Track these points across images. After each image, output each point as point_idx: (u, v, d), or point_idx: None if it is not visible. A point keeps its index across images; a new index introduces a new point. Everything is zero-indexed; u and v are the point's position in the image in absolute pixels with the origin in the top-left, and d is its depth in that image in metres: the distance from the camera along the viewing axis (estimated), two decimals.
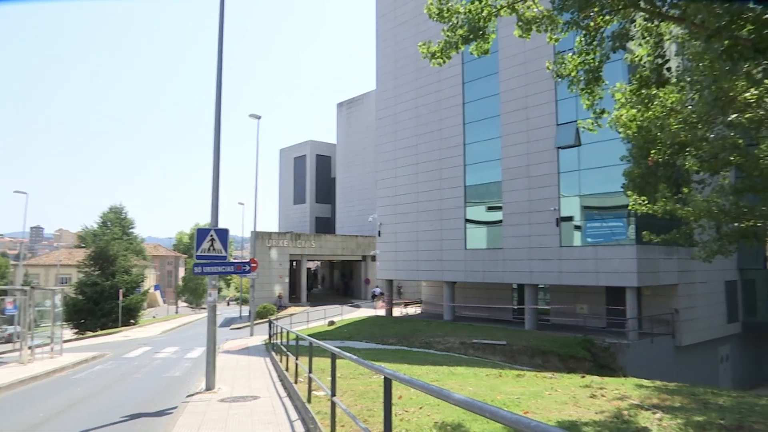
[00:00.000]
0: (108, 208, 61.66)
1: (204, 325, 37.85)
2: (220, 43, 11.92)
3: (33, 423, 9.27)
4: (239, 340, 27.17)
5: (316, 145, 70.64)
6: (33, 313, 18.76)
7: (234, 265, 12.15)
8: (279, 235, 50.63)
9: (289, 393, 10.67)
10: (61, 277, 68.14)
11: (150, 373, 16.18)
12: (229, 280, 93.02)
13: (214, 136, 11.76)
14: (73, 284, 52.67)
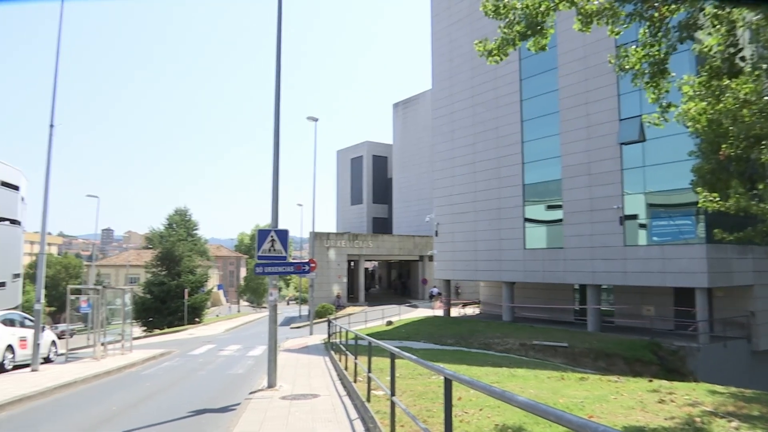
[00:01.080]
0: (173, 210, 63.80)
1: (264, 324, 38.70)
2: (278, 49, 12.14)
3: (107, 415, 9.72)
4: (299, 338, 27.62)
5: (372, 145, 71.05)
6: (105, 312, 19.66)
7: (294, 265, 12.34)
8: (337, 236, 51.16)
9: (349, 392, 10.75)
10: (130, 277, 71.25)
11: (214, 371, 16.65)
12: (289, 280, 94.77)
13: (274, 140, 11.98)
14: (141, 284, 54.95)
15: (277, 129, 12.01)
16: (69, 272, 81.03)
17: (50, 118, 16.51)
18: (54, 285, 72.19)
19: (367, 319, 34.02)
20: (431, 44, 37.45)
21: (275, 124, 12.02)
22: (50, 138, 16.55)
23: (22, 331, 17.09)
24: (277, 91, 12.07)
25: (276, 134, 12.00)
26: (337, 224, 74.73)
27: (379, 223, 69.06)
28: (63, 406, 10.80)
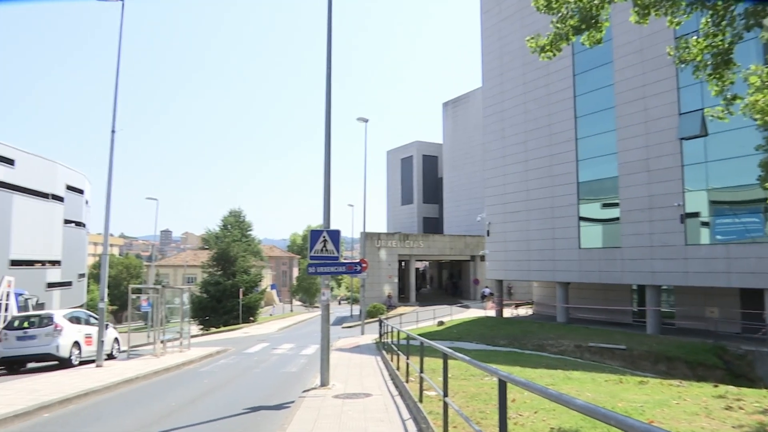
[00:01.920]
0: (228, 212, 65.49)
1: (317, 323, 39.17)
2: (328, 52, 12.25)
3: (167, 410, 10.03)
4: (351, 338, 27.82)
5: (422, 145, 70.91)
6: (164, 310, 20.31)
7: (345, 265, 12.43)
8: (387, 236, 51.30)
9: (401, 392, 10.74)
10: (187, 277, 73.47)
11: (268, 369, 16.95)
12: (340, 280, 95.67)
13: (325, 142, 12.10)
14: (198, 283, 56.61)
15: (328, 131, 12.13)
16: (130, 272, 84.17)
17: (112, 124, 17.19)
18: (116, 284, 75.19)
19: (418, 320, 33.95)
20: (481, 42, 37.06)
21: (326, 127, 12.14)
22: (112, 143, 17.23)
23: (87, 328, 17.88)
24: (327, 94, 12.18)
25: (327, 137, 12.12)
26: (388, 224, 74.94)
27: (430, 223, 68.85)
28: (126, 401, 11.22)
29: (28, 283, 31.59)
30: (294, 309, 78.28)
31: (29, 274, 38.22)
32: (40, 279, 41.05)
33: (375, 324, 33.39)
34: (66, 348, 16.41)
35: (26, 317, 17.16)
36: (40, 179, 42.14)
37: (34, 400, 10.18)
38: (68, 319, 17.34)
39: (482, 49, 36.88)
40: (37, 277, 40.60)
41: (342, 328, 38.58)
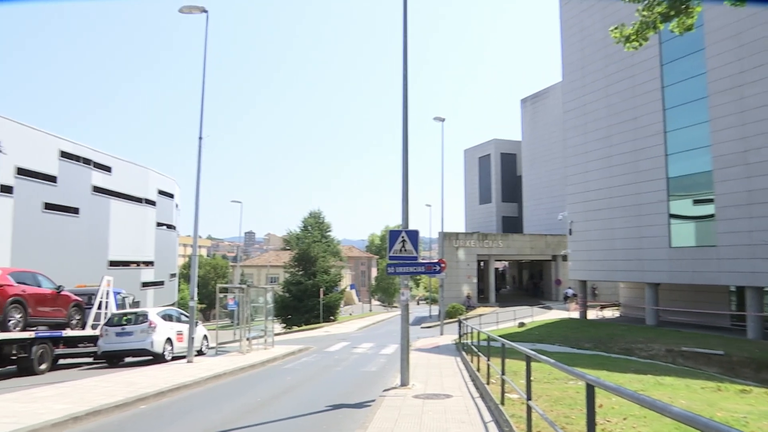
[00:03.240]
0: (308, 213, 67.02)
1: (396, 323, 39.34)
2: (404, 53, 12.26)
3: (253, 406, 10.38)
4: (430, 338, 27.75)
5: (500, 143, 69.72)
6: (249, 309, 21.05)
7: (424, 265, 12.40)
8: (466, 236, 50.84)
9: (482, 393, 10.58)
10: (270, 277, 75.87)
11: (349, 367, 17.19)
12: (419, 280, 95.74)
13: (402, 144, 12.11)
14: (280, 283, 58.31)
15: (405, 133, 12.13)
16: (217, 272, 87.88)
17: (199, 131, 18.02)
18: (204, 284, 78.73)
19: (498, 320, 33.40)
20: (561, 34, 35.97)
21: (403, 129, 12.15)
22: (199, 149, 18.06)
23: (178, 325, 18.82)
24: (404, 96, 12.18)
25: (404, 138, 12.12)
26: (466, 224, 74.19)
27: (509, 222, 67.55)
28: (214, 396, 11.70)
29: (124, 282, 33.71)
30: (373, 309, 79.07)
31: (126, 274, 40.74)
32: (136, 279, 43.68)
33: (454, 324, 33.13)
34: (159, 344, 17.34)
35: (124, 315, 18.28)
36: (134, 185, 44.85)
37: (132, 392, 10.81)
38: (161, 316, 18.31)
39: (562, 42, 35.78)
40: (133, 276, 43.23)
41: (421, 328, 38.55)
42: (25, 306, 14.48)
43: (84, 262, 35.47)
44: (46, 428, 7.88)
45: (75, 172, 37.14)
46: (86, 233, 37.77)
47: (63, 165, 35.85)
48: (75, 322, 16.96)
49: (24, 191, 32.25)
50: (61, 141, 36.20)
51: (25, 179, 32.48)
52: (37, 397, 10.33)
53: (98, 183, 39.73)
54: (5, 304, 13.80)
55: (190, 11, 17.14)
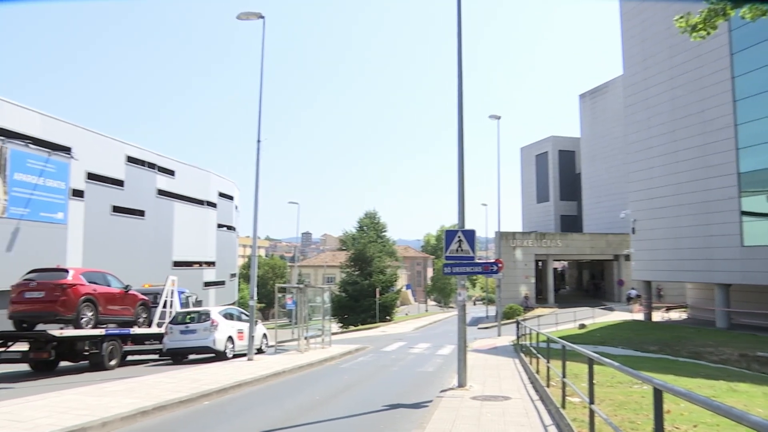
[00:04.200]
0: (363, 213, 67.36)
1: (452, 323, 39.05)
2: (459, 52, 12.15)
3: (312, 404, 10.52)
4: (487, 339, 27.41)
5: (557, 140, 68.15)
6: (307, 308, 21.36)
7: (481, 265, 12.26)
8: (523, 235, 50.00)
9: (541, 396, 10.35)
10: (326, 277, 76.81)
11: (405, 367, 17.16)
12: (475, 280, 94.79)
13: (458, 143, 11.99)
14: (337, 283, 58.96)
15: (460, 134, 12.02)
16: (275, 272, 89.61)
17: (257, 134, 18.42)
18: (263, 284, 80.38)
19: (557, 322, 32.65)
20: (621, 26, 34.83)
21: (459, 128, 12.03)
22: (258, 152, 18.47)
23: (239, 324, 19.28)
24: (459, 95, 12.07)
25: (460, 138, 12.01)
26: (523, 223, 72.92)
27: (568, 221, 65.91)
28: (274, 393, 11.92)
29: (188, 282, 34.84)
30: (429, 309, 78.82)
31: (189, 274, 42.10)
32: (198, 278, 45.08)
33: (511, 325, 32.61)
34: (221, 342, 17.82)
35: (188, 313, 18.88)
36: (196, 187, 46.30)
37: (195, 388, 11.14)
38: (223, 315, 18.82)
39: (622, 34, 34.64)
40: (196, 276, 44.64)
41: (477, 328, 38.15)
42: (96, 304, 15.18)
43: (149, 262, 36.89)
44: (116, 421, 8.23)
45: (141, 176, 38.67)
46: (152, 235, 39.27)
47: (129, 169, 37.40)
48: (142, 320, 17.64)
49: (94, 195, 33.83)
50: (128, 146, 37.77)
51: (95, 183, 34.05)
52: (108, 391, 10.79)
53: (162, 186, 41.24)
54: (78, 302, 14.50)
55: (248, 17, 17.55)
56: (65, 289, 14.37)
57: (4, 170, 27.67)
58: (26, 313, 14.58)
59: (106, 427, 7.95)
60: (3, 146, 27.55)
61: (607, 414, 7.54)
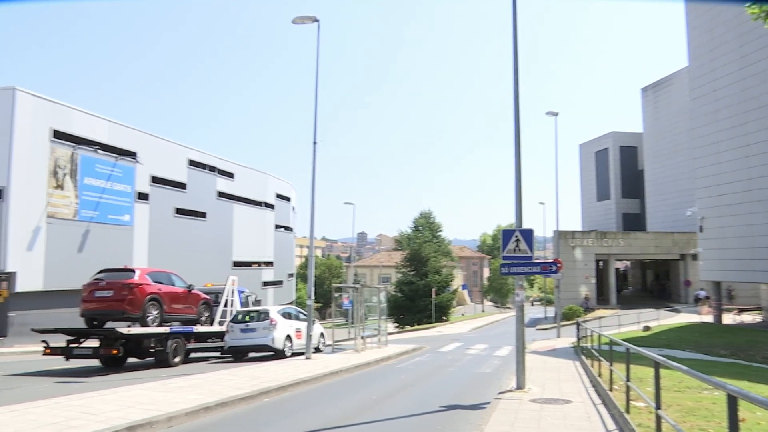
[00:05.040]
0: (419, 213, 67.38)
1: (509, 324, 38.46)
2: (514, 50, 11.93)
3: (369, 403, 10.56)
4: (546, 341, 26.86)
5: (618, 136, 66.00)
6: (363, 308, 21.49)
7: (540, 265, 12.01)
8: (583, 234, 48.77)
9: (604, 400, 10.03)
10: (382, 277, 77.10)
11: (462, 368, 17.01)
12: (533, 281, 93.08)
13: (514, 141, 11.79)
14: (392, 283, 59.06)
15: (517, 130, 11.80)
16: (331, 272, 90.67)
17: (313, 136, 18.65)
18: (319, 283, 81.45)
19: (620, 324, 31.60)
20: (685, 15, 33.42)
21: (515, 126, 11.82)
22: (314, 154, 18.70)
23: (297, 323, 19.60)
24: (515, 93, 11.85)
25: (516, 135, 11.79)
26: (582, 222, 71.03)
27: (630, 220, 63.72)
28: (331, 392, 12.04)
29: (247, 281, 35.69)
30: (485, 309, 77.94)
31: (248, 273, 43.13)
32: (257, 278, 46.12)
33: (571, 327, 31.82)
34: (280, 340, 18.16)
35: (248, 312, 19.33)
36: (255, 189, 47.39)
37: (255, 386, 11.38)
38: (281, 314, 19.16)
39: (687, 24, 33.23)
40: (254, 276, 45.68)
41: (536, 330, 37.44)
42: (161, 303, 15.74)
43: (211, 262, 38.01)
44: (181, 416, 8.49)
45: (202, 179, 39.91)
46: (212, 236, 40.44)
47: (191, 172, 38.64)
48: (204, 319, 18.16)
49: (158, 198, 35.14)
50: (190, 150, 39.04)
51: (159, 187, 35.36)
52: (172, 387, 11.17)
53: (222, 189, 42.42)
54: (144, 301, 15.08)
55: (303, 21, 17.80)
56: (132, 288, 14.98)
57: (75, 175, 29.11)
58: (96, 311, 15.28)
59: (171, 422, 8.23)
60: (74, 152, 28.99)
61: (675, 420, 7.24)
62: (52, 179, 27.78)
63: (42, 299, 26.10)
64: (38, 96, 27.69)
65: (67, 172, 28.58)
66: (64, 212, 28.37)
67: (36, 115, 27.20)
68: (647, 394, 7.26)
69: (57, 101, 28.91)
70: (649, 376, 6.19)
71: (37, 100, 27.51)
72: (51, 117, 28.04)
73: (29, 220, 26.54)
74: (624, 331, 29.26)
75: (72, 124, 29.17)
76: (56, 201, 27.94)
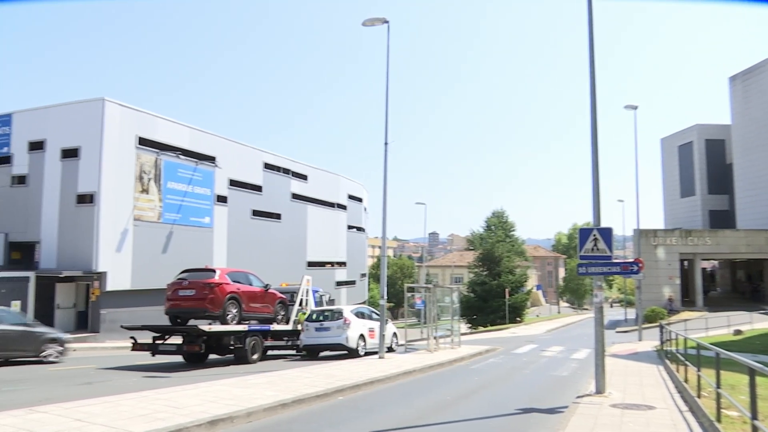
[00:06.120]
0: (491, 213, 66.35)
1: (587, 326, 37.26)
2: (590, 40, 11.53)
3: (443, 403, 10.51)
4: (626, 344, 25.84)
5: (704, 128, 62.47)
6: (436, 308, 21.40)
7: (620, 265, 11.55)
8: (665, 233, 46.59)
9: (691, 408, 9.51)
10: (454, 277, 76.61)
11: (537, 370, 16.63)
12: (611, 281, 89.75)
13: (591, 136, 11.38)
14: (465, 283, 58.57)
15: (594, 126, 11.39)
16: (403, 272, 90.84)
17: (384, 137, 18.76)
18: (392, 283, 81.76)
19: (707, 327, 29.92)
20: None
21: (592, 122, 11.41)
22: (385, 154, 18.80)
23: (369, 323, 19.76)
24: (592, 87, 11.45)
25: (593, 131, 11.38)
26: (665, 220, 67.78)
27: (717, 217, 60.17)
28: (405, 391, 12.06)
29: (321, 281, 36.35)
30: (561, 310, 75.92)
31: (322, 273, 43.94)
32: (330, 278, 46.93)
33: (653, 329, 30.44)
34: (353, 340, 18.37)
35: (322, 311, 19.68)
36: (327, 191, 48.25)
37: (330, 384, 11.56)
38: (355, 314, 19.39)
39: None
40: (328, 276, 46.49)
41: (615, 332, 36.07)
42: (240, 302, 16.29)
43: (285, 262, 39.00)
44: (260, 412, 8.76)
45: (276, 182, 41.04)
46: (287, 236, 41.50)
47: (266, 175, 39.82)
48: (280, 318, 18.64)
49: (236, 200, 36.43)
50: (265, 154, 40.24)
51: (237, 189, 36.65)
52: (251, 383, 11.52)
53: (296, 190, 43.46)
54: (224, 300, 15.66)
55: (373, 23, 17.93)
56: (213, 287, 15.59)
57: (159, 180, 30.65)
58: (180, 310, 16.01)
59: (250, 417, 8.49)
60: (158, 158, 30.52)
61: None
62: (138, 184, 29.37)
63: (130, 298, 27.67)
64: (125, 105, 29.36)
65: (151, 177, 30.13)
66: (149, 215, 29.92)
67: (123, 123, 28.85)
68: (741, 403, 6.83)
69: (142, 110, 30.57)
70: (741, 384, 5.82)
71: (123, 109, 29.18)
72: (136, 125, 29.66)
73: (118, 223, 28.17)
74: (712, 334, 27.68)
75: (156, 131, 30.73)
76: (142, 204, 29.51)
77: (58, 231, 28.30)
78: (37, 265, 28.28)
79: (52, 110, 29.85)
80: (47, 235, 28.53)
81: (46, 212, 28.70)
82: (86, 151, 28.06)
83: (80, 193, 28.03)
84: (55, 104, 30.30)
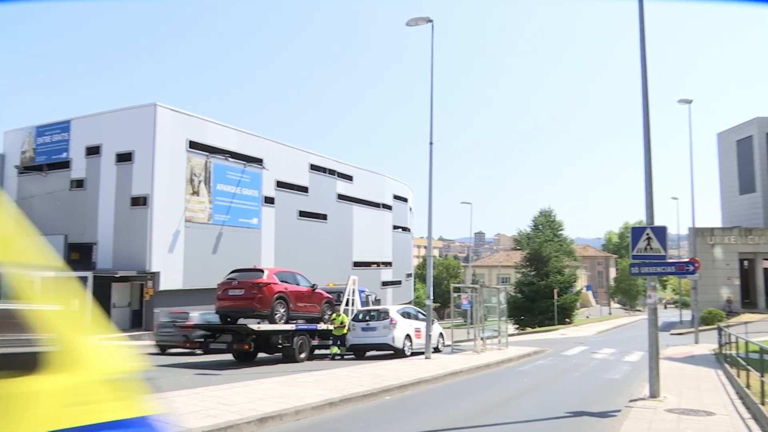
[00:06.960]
0: (539, 212, 65.32)
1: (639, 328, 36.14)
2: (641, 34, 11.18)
3: (491, 405, 10.38)
4: (682, 346, 24.96)
5: (764, 122, 59.71)
6: (482, 309, 21.17)
7: (674, 265, 11.16)
8: (723, 231, 44.87)
9: (754, 414, 9.08)
10: (501, 277, 75.67)
11: (588, 373, 16.23)
12: (665, 281, 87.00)
13: (644, 132, 11.03)
14: (512, 283, 57.79)
15: (646, 120, 11.05)
16: (449, 272, 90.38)
17: (429, 136, 18.67)
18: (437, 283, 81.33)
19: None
20: None
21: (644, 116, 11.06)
22: (430, 154, 18.72)
23: (416, 323, 19.71)
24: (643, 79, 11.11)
25: (645, 126, 11.04)
26: (722, 217, 65.13)
27: None
28: (452, 392, 11.96)
29: (367, 281, 36.54)
30: (612, 312, 73.97)
31: (367, 273, 44.15)
32: (376, 278, 47.10)
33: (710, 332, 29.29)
34: (400, 340, 18.36)
35: (368, 311, 19.75)
36: (372, 191, 48.45)
37: (377, 383, 11.58)
38: (401, 314, 19.37)
39: None
40: (374, 276, 46.68)
41: (670, 334, 34.89)
42: (287, 301, 16.51)
43: (331, 262, 39.35)
44: (308, 410, 8.84)
45: (322, 183, 41.47)
46: (333, 237, 41.87)
47: (312, 176, 40.29)
48: (327, 317, 18.80)
49: (283, 201, 36.99)
50: (311, 155, 40.72)
51: (284, 191, 37.22)
52: (299, 382, 11.66)
53: (342, 191, 43.81)
54: (272, 299, 15.90)
55: (416, 23, 17.86)
56: (261, 287, 15.85)
57: (209, 182, 31.40)
58: (229, 309, 16.34)
59: (299, 415, 8.59)
60: (208, 161, 31.28)
61: None
62: (188, 186, 30.18)
63: (181, 297, 28.46)
64: (176, 110, 30.22)
65: (201, 180, 30.91)
66: (199, 217, 30.70)
67: (174, 127, 29.70)
68: None
69: (192, 114, 31.40)
70: None
71: (174, 114, 30.04)
72: (187, 129, 30.49)
73: (170, 225, 29.02)
74: None
75: (205, 134, 31.51)
76: (193, 206, 30.31)
77: (113, 232, 29.37)
78: (95, 265, 29.43)
79: (107, 116, 31.02)
80: (103, 237, 29.65)
81: (103, 214, 29.83)
82: (139, 155, 29.02)
83: (134, 196, 29.01)
84: (109, 110, 31.50)
